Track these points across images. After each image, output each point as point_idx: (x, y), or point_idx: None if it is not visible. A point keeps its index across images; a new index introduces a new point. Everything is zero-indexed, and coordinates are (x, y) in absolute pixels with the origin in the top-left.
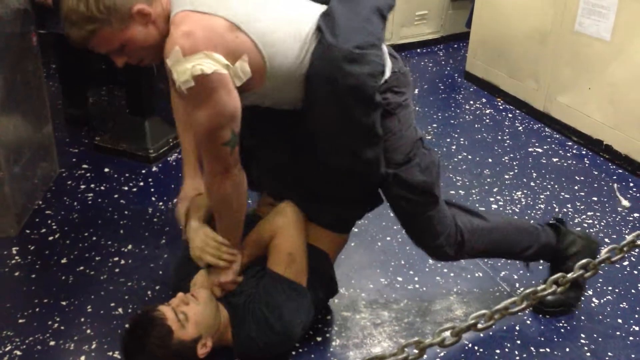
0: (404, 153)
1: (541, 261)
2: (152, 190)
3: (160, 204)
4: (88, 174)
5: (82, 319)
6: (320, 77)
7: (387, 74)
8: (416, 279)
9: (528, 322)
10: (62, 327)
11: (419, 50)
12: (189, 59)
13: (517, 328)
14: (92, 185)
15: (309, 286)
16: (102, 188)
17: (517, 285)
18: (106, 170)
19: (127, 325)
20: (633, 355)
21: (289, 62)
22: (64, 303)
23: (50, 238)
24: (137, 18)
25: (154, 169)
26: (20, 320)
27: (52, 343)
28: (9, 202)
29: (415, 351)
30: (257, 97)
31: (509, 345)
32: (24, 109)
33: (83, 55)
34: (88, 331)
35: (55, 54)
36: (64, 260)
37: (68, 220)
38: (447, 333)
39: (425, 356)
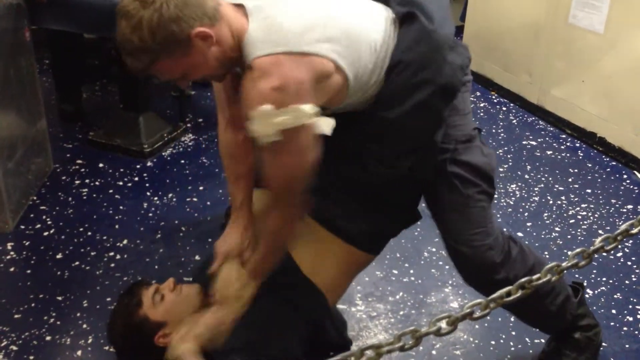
0: (465, 132)
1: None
2: (147, 185)
3: (155, 199)
4: (82, 169)
5: (78, 314)
6: (412, 65)
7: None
8: (411, 271)
9: None
10: (58, 322)
11: None
12: (277, 113)
13: (512, 319)
14: (87, 181)
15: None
16: (97, 183)
17: None
18: (101, 165)
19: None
20: (627, 346)
21: (369, 70)
22: (59, 298)
23: (45, 233)
24: (198, 42)
25: (149, 164)
26: (16, 316)
27: (48, 338)
28: (3, 198)
29: (411, 341)
30: (329, 111)
31: (503, 336)
32: (18, 105)
33: (76, 51)
34: (84, 326)
35: (49, 49)
36: (59, 256)
37: (63, 215)
38: (443, 322)
39: (421, 347)
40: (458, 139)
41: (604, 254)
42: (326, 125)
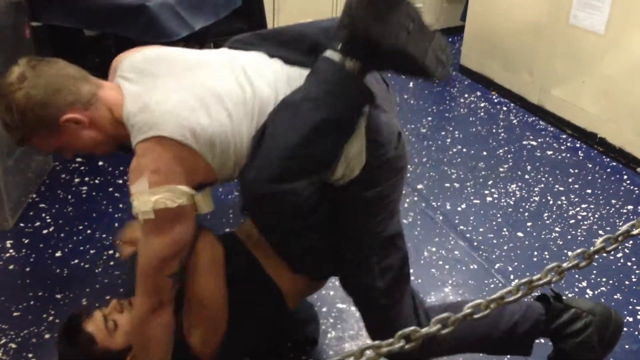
0: (359, 253)
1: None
2: None
3: None
4: (82, 167)
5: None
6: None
7: (356, 171)
8: (411, 271)
9: None
10: (57, 320)
11: None
12: (154, 191)
13: None
14: (86, 179)
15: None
16: (96, 181)
17: (512, 277)
18: (100, 163)
19: (59, 328)
20: (627, 346)
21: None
22: (58, 296)
23: (45, 231)
24: (69, 125)
25: None
26: (15, 314)
27: (47, 336)
28: (2, 196)
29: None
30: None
31: None
32: None
33: (77, 48)
34: None
35: (49, 46)
36: (58, 254)
37: (62, 213)
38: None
39: None
40: (349, 261)
41: (604, 254)
42: (205, 205)
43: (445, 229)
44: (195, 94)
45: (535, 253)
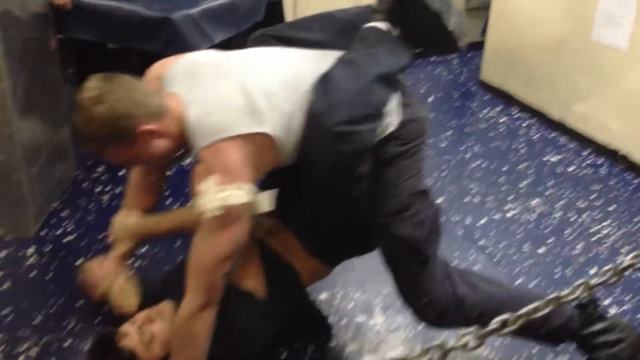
0: (398, 203)
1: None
2: (167, 193)
3: (175, 206)
4: (104, 177)
5: (98, 319)
6: (307, 147)
7: (394, 125)
8: None
9: None
10: (78, 327)
11: (433, 59)
12: (223, 189)
13: None
14: (108, 188)
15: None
16: (117, 191)
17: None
18: (121, 173)
19: (88, 348)
20: None
21: (295, 135)
22: (79, 304)
23: (67, 239)
24: (144, 137)
25: (168, 172)
26: (35, 320)
27: (67, 343)
28: (26, 203)
29: (438, 354)
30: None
31: (525, 353)
32: (42, 112)
33: (101, 61)
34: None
35: (74, 58)
36: (80, 261)
37: (84, 221)
38: (470, 336)
39: None
40: (389, 212)
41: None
42: (267, 200)
43: (466, 243)
44: (246, 89)
45: (556, 270)
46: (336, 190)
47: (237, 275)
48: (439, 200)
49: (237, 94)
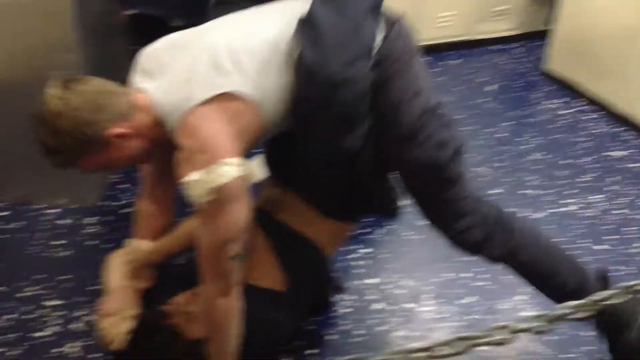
0: (406, 129)
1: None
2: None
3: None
4: None
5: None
6: (303, 103)
7: (377, 47)
8: (484, 276)
9: None
10: None
11: (493, 47)
12: (207, 170)
13: (581, 334)
14: None
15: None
16: None
17: None
18: None
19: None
20: None
21: (278, 97)
22: None
23: (128, 210)
24: (114, 140)
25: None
26: (92, 288)
27: None
28: (89, 174)
29: (507, 335)
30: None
31: (574, 350)
32: None
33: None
34: None
35: (137, 36)
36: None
37: None
38: (541, 320)
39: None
40: (401, 137)
41: None
42: (258, 168)
43: None
44: (208, 55)
45: (613, 268)
46: (341, 140)
47: (253, 276)
48: (493, 192)
49: (198, 63)
